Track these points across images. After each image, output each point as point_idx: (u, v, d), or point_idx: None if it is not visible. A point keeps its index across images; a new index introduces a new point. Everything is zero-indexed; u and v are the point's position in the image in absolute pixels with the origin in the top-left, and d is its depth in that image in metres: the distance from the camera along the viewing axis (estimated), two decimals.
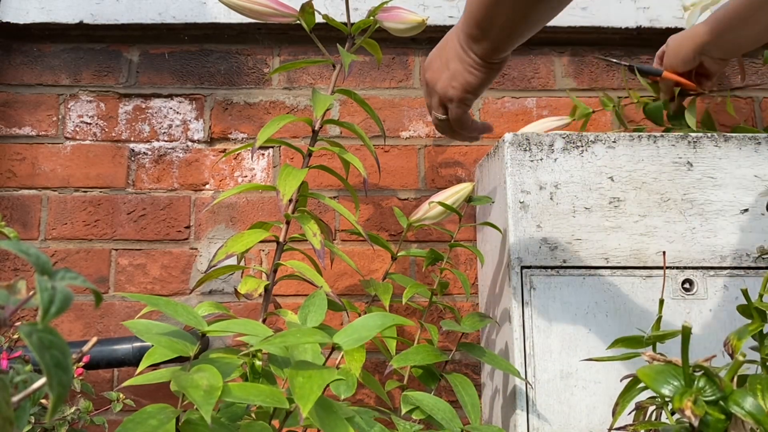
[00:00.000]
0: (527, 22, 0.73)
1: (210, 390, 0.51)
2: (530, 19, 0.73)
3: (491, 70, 0.79)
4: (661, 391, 0.53)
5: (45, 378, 0.28)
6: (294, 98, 1.28)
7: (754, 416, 0.50)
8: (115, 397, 0.85)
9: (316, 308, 0.68)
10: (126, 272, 1.21)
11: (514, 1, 0.70)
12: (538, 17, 0.73)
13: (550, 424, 0.91)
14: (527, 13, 0.71)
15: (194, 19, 1.24)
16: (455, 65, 0.80)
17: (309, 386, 0.52)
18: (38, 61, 1.27)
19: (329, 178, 1.24)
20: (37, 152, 1.24)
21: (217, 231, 1.23)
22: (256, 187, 0.97)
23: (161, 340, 0.58)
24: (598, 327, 0.94)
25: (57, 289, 0.28)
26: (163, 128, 1.26)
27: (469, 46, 0.77)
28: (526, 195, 0.97)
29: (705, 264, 0.96)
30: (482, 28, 0.74)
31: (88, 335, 1.19)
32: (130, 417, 0.51)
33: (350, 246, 1.23)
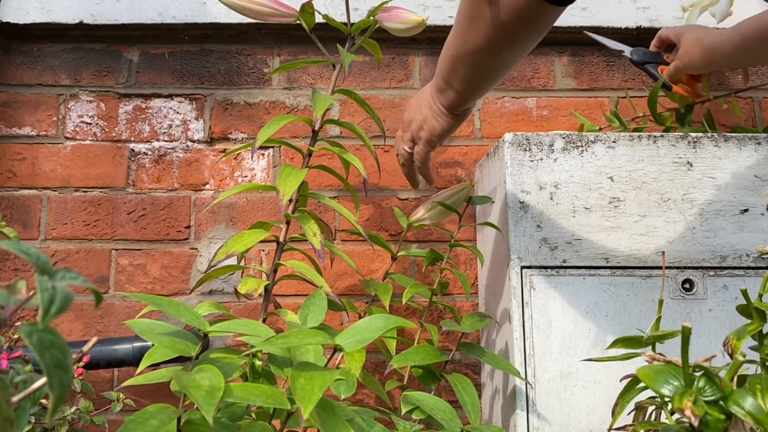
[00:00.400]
0: (483, 78, 0.83)
1: (212, 390, 0.51)
2: (485, 76, 0.82)
3: (454, 120, 0.90)
4: (660, 391, 0.53)
5: (45, 378, 0.28)
6: (294, 98, 1.28)
7: (754, 416, 0.50)
8: (115, 397, 0.85)
9: (316, 308, 0.68)
10: (126, 272, 1.21)
11: (471, 60, 0.79)
12: (492, 75, 0.83)
13: (550, 424, 0.91)
14: (481, 71, 0.81)
15: (194, 19, 1.24)
16: (426, 111, 0.91)
17: (310, 387, 0.52)
18: (38, 61, 1.27)
19: (329, 178, 1.24)
20: (37, 152, 1.24)
21: (217, 231, 1.23)
22: (256, 187, 0.97)
23: (163, 340, 0.58)
24: (598, 327, 0.94)
25: (57, 289, 0.29)
26: (163, 128, 1.26)
27: (437, 96, 0.88)
28: (526, 195, 0.97)
29: (705, 264, 0.96)
30: (446, 81, 0.84)
31: (88, 335, 1.19)
32: (132, 417, 0.51)
33: (350, 246, 1.23)
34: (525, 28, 0.75)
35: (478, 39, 0.76)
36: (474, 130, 1.28)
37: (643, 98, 1.19)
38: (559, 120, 1.28)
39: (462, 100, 0.86)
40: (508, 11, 0.72)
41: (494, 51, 0.77)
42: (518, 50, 0.79)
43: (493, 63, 0.79)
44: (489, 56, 0.78)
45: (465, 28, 0.77)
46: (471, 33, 0.76)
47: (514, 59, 0.81)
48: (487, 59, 0.79)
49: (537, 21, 0.74)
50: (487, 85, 0.86)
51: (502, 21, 0.73)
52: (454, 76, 0.83)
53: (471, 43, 0.77)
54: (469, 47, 0.78)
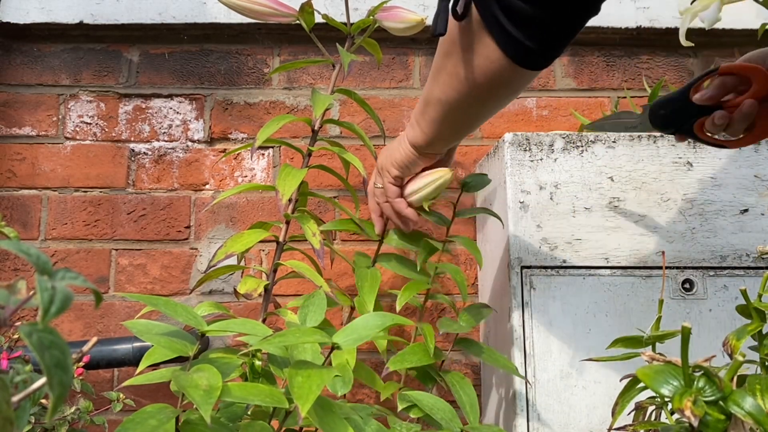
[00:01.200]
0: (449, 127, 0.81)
1: (209, 390, 0.51)
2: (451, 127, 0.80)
3: (416, 156, 0.87)
4: (660, 391, 0.53)
5: (45, 378, 0.28)
6: (294, 98, 1.28)
7: (753, 416, 0.50)
8: (115, 397, 0.85)
9: (316, 308, 0.68)
10: (126, 272, 1.21)
11: (439, 108, 0.78)
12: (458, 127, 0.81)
13: (550, 424, 0.91)
14: (448, 120, 0.79)
15: (194, 19, 1.24)
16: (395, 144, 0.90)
17: (308, 386, 0.52)
18: (38, 61, 1.27)
19: (329, 177, 1.24)
20: (37, 152, 1.24)
21: (217, 231, 1.23)
22: (256, 187, 0.97)
23: (161, 340, 0.58)
24: (598, 327, 0.94)
25: (57, 289, 0.29)
26: (163, 128, 1.26)
27: (407, 131, 0.87)
28: (526, 195, 0.97)
29: (705, 264, 0.96)
30: (416, 119, 0.84)
31: (88, 335, 1.19)
32: (130, 417, 0.51)
33: (350, 246, 1.23)
34: (496, 89, 0.72)
35: (447, 91, 0.74)
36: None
37: (643, 98, 1.19)
38: (559, 120, 1.28)
39: (426, 142, 0.84)
40: (480, 72, 0.69)
41: (463, 106, 0.75)
42: (488, 108, 0.77)
43: (461, 116, 0.78)
44: (457, 110, 0.76)
45: (436, 76, 0.76)
46: (442, 84, 0.75)
47: (482, 116, 0.79)
48: (455, 112, 0.77)
49: (509, 84, 0.71)
50: (451, 135, 0.83)
51: (474, 80, 0.70)
52: (423, 117, 0.82)
53: (441, 93, 0.76)
54: (439, 96, 0.76)
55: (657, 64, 1.30)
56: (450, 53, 0.71)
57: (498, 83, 0.70)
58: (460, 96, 0.74)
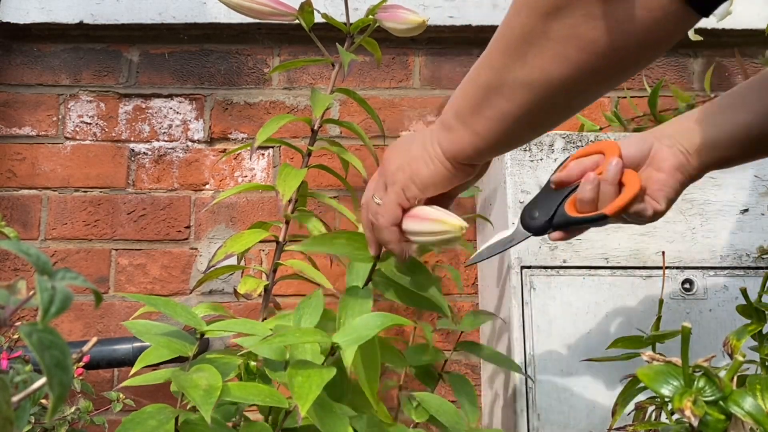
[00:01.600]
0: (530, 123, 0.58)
1: (209, 390, 0.51)
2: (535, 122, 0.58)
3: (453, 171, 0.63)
4: (660, 391, 0.53)
5: (45, 378, 0.28)
6: (294, 98, 1.28)
7: (753, 416, 0.50)
8: (115, 397, 0.85)
9: (312, 310, 0.67)
10: (126, 272, 1.21)
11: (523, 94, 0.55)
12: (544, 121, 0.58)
13: (550, 424, 0.91)
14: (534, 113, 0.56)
15: (194, 19, 1.24)
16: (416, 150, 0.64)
17: (308, 385, 0.52)
18: (38, 61, 1.27)
19: (329, 177, 1.24)
20: (37, 152, 1.24)
21: (217, 231, 1.23)
22: (255, 187, 0.97)
23: (160, 341, 0.58)
24: (598, 327, 0.94)
25: (57, 289, 0.28)
26: (163, 128, 1.26)
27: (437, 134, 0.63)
28: (526, 195, 0.97)
29: (705, 264, 0.96)
30: (461, 118, 0.60)
31: (88, 335, 1.19)
32: (129, 417, 0.51)
33: None
34: (646, 52, 0.52)
35: (552, 66, 0.52)
36: None
37: (644, 98, 1.19)
38: None
39: (477, 149, 0.60)
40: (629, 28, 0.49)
41: (577, 86, 0.53)
42: (610, 86, 0.56)
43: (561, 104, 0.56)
44: (562, 93, 0.54)
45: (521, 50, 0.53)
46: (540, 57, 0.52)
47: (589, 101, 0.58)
48: (557, 97, 0.54)
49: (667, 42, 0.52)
50: (523, 136, 0.62)
51: (614, 42, 0.49)
52: (480, 112, 0.58)
53: (535, 71, 0.53)
54: (529, 76, 0.54)
55: (657, 63, 1.30)
56: (559, 10, 0.50)
57: (654, 42, 0.50)
58: (577, 71, 0.52)
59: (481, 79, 0.58)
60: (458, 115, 0.60)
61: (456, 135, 0.61)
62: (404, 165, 0.65)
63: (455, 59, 1.29)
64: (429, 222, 0.65)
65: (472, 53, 1.30)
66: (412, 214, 0.66)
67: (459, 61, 1.29)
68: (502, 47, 0.55)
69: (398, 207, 0.65)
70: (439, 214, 0.65)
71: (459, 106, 0.60)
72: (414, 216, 0.66)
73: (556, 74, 0.52)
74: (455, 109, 0.61)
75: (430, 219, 0.65)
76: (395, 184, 0.65)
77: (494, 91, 0.56)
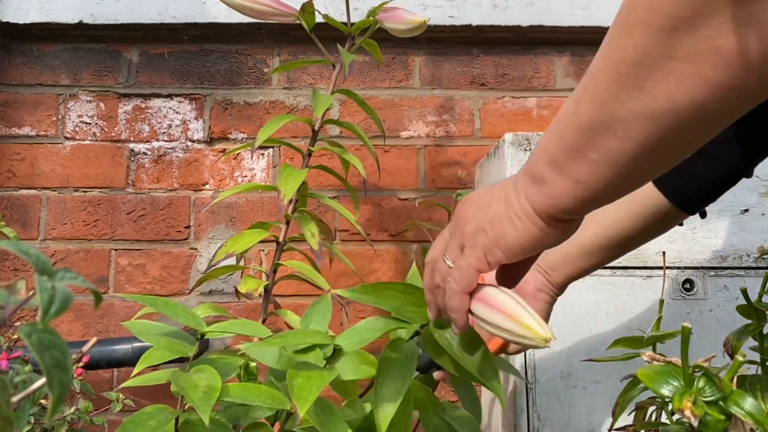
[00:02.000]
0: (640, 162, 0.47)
1: (209, 390, 0.51)
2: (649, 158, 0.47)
3: (546, 230, 0.53)
4: (660, 391, 0.53)
5: (45, 378, 0.28)
6: (294, 98, 1.28)
7: (753, 417, 0.50)
8: (114, 397, 0.85)
9: (320, 316, 0.66)
10: (126, 272, 1.21)
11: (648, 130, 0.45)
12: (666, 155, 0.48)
13: (550, 424, 0.91)
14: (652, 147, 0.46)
15: (194, 19, 1.24)
16: (499, 207, 0.55)
17: (308, 387, 0.52)
18: (38, 61, 1.27)
19: (329, 178, 1.23)
20: (37, 152, 1.24)
21: (217, 231, 1.23)
22: (256, 187, 0.97)
23: (161, 341, 0.58)
24: (598, 327, 0.94)
25: (57, 289, 0.28)
26: (163, 128, 1.26)
27: (525, 187, 0.53)
28: None
29: (705, 264, 0.96)
30: (557, 165, 0.50)
31: (87, 335, 1.19)
32: (130, 418, 0.51)
33: (350, 246, 1.23)
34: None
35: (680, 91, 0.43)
36: (474, 130, 1.27)
37: None
38: None
39: (580, 200, 0.50)
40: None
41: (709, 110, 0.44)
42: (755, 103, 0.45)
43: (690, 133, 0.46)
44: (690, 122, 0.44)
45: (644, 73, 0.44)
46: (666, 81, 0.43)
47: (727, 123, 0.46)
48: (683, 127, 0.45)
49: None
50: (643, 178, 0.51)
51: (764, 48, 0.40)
52: (584, 156, 0.48)
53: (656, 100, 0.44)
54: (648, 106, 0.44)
55: None
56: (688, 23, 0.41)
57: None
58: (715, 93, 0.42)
59: (581, 117, 0.48)
60: (553, 162, 0.50)
61: (550, 187, 0.51)
62: (485, 225, 0.55)
63: (455, 59, 1.29)
64: (507, 318, 0.55)
65: (472, 53, 1.30)
66: (484, 298, 0.56)
67: (459, 61, 1.29)
68: (609, 76, 0.46)
69: (476, 273, 0.56)
70: (521, 313, 0.55)
71: (553, 152, 0.50)
72: (487, 302, 0.56)
73: (686, 100, 0.43)
74: (548, 156, 0.51)
75: (508, 315, 0.55)
76: (475, 248, 0.56)
77: (602, 128, 0.47)
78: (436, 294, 0.59)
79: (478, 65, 1.29)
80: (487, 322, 0.56)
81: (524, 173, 0.53)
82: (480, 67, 1.29)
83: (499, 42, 1.29)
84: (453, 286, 0.56)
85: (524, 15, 1.25)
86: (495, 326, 0.55)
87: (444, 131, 1.27)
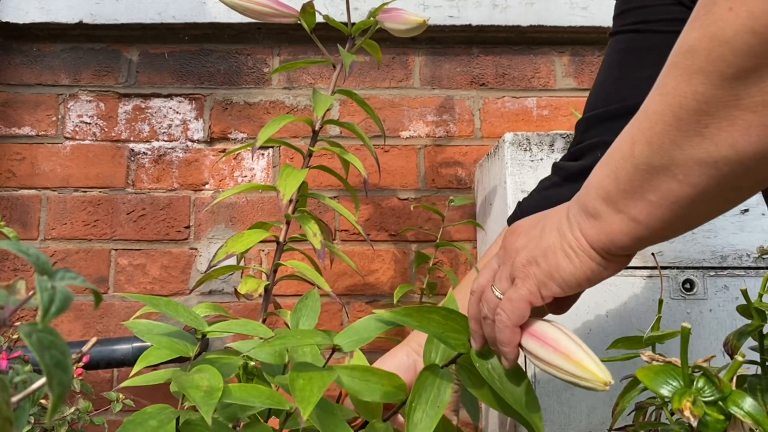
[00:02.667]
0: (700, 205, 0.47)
1: (210, 391, 0.51)
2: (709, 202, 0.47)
3: (603, 265, 0.52)
4: (659, 391, 0.53)
5: (45, 378, 0.28)
6: (294, 98, 1.28)
7: (753, 417, 0.50)
8: (114, 397, 0.85)
9: (309, 311, 0.67)
10: (126, 272, 1.21)
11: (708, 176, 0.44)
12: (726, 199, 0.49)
13: (550, 424, 0.91)
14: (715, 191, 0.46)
15: (194, 19, 1.24)
16: (552, 238, 0.53)
17: (309, 389, 0.51)
18: (38, 60, 1.27)
19: (329, 178, 1.24)
20: (37, 152, 1.24)
21: (217, 231, 1.23)
22: (256, 187, 0.97)
23: (162, 341, 0.58)
24: (598, 327, 0.94)
25: (57, 289, 0.28)
26: (163, 128, 1.26)
27: (579, 222, 0.52)
28: (526, 195, 0.97)
29: (705, 264, 0.96)
30: (610, 201, 0.49)
31: (87, 335, 1.19)
32: (130, 418, 0.51)
33: (350, 246, 1.23)
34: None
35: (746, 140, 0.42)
36: (474, 130, 1.27)
37: None
38: (559, 120, 1.28)
39: (636, 237, 0.49)
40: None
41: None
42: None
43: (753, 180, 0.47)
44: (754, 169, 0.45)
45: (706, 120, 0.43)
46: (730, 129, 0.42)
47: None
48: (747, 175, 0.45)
49: None
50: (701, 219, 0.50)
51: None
52: (641, 196, 0.47)
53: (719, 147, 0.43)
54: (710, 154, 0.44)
55: None
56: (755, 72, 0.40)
57: None
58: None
59: (638, 158, 0.47)
60: (608, 199, 0.49)
61: (606, 224, 0.50)
62: (537, 257, 0.53)
63: (455, 59, 1.29)
64: (562, 358, 0.53)
65: (472, 53, 1.30)
66: (537, 334, 0.54)
67: (459, 61, 1.29)
68: (667, 121, 0.45)
69: (528, 306, 0.54)
70: (577, 352, 0.53)
71: (607, 188, 0.49)
72: (540, 338, 0.54)
73: (752, 150, 0.42)
74: (602, 192, 0.50)
75: (564, 354, 0.53)
76: (528, 279, 0.54)
77: (660, 171, 0.46)
78: (484, 325, 0.57)
79: (478, 65, 1.29)
80: (538, 359, 0.54)
81: (578, 206, 0.52)
82: (480, 67, 1.29)
83: (499, 42, 1.29)
84: (503, 318, 0.54)
85: (524, 15, 1.25)
86: (548, 364, 0.54)
87: (444, 131, 1.27)
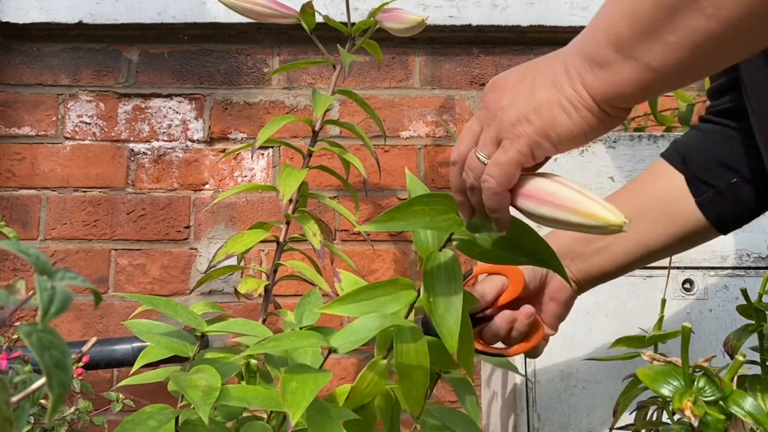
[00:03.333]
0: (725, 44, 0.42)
1: (208, 390, 0.51)
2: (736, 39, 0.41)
3: (601, 120, 0.47)
4: (660, 391, 0.53)
5: (44, 378, 0.28)
6: (294, 98, 1.28)
7: (753, 416, 0.50)
8: (114, 397, 0.84)
9: (312, 307, 0.68)
10: (125, 272, 1.21)
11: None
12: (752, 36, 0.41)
13: (550, 424, 0.91)
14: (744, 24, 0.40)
15: (194, 19, 1.24)
16: (546, 93, 0.48)
17: (301, 392, 0.51)
18: (38, 60, 1.27)
19: (329, 178, 1.23)
20: (37, 152, 1.24)
21: (217, 231, 1.23)
22: (255, 187, 0.97)
23: (161, 340, 0.58)
24: (598, 327, 0.94)
25: (57, 289, 0.28)
26: (163, 128, 1.26)
27: (582, 72, 0.46)
28: None
29: (705, 264, 0.96)
30: (622, 46, 0.44)
31: (87, 335, 1.19)
32: (130, 417, 0.51)
33: (350, 246, 1.23)
34: None
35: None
36: None
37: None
38: None
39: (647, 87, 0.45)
40: None
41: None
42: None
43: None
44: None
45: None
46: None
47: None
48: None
49: None
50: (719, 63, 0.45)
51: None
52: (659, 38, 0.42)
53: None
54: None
55: None
56: None
57: None
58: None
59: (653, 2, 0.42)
60: (619, 44, 0.44)
61: (614, 72, 0.45)
62: (529, 114, 0.48)
63: (455, 59, 1.29)
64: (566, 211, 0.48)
65: (472, 53, 1.30)
66: (531, 192, 0.50)
67: (459, 61, 1.29)
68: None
69: (518, 169, 0.49)
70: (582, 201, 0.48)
71: (619, 32, 0.44)
72: (536, 195, 0.50)
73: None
74: (613, 36, 0.44)
75: (566, 207, 0.48)
76: (518, 139, 0.48)
77: (682, 6, 0.41)
78: (470, 194, 0.52)
79: (478, 65, 1.29)
80: (540, 217, 0.50)
81: (580, 55, 0.47)
82: (480, 67, 1.29)
83: (499, 42, 1.29)
84: (492, 184, 0.49)
85: (524, 15, 1.25)
86: (552, 221, 0.49)
87: (444, 131, 1.27)
